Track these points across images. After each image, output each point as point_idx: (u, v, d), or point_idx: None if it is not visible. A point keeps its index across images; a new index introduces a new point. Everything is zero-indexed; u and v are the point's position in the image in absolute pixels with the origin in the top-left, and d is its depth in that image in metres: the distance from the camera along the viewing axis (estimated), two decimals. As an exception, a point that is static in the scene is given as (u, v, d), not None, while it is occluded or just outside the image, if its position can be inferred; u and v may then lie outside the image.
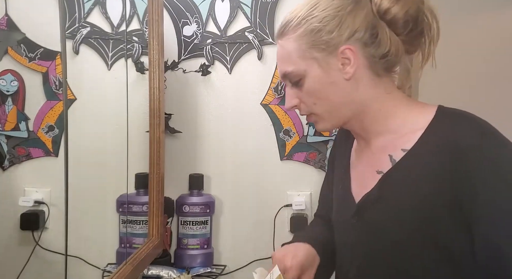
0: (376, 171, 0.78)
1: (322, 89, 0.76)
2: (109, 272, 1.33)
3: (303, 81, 0.77)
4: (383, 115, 0.78)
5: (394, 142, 0.77)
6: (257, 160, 1.40)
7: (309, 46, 0.75)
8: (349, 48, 0.74)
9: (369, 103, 0.77)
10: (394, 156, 0.76)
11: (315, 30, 0.74)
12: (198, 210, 1.35)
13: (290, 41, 0.76)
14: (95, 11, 1.37)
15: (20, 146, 1.37)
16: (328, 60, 0.75)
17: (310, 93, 0.77)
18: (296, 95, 0.79)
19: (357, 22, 0.74)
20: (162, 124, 1.26)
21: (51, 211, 1.36)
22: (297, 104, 0.80)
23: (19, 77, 1.36)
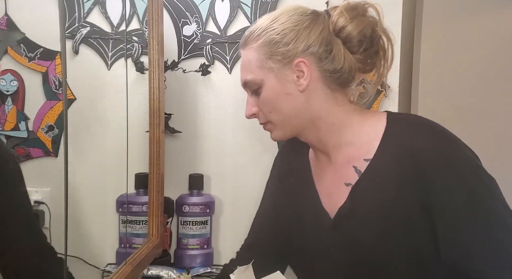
0: (345, 183, 0.79)
1: (277, 99, 0.79)
2: (108, 272, 1.33)
3: (260, 90, 0.80)
4: (337, 127, 0.80)
5: (355, 153, 0.79)
6: (257, 160, 1.40)
7: (267, 57, 0.78)
8: (303, 61, 0.77)
9: (322, 115, 0.80)
10: (358, 167, 0.78)
11: (273, 42, 0.78)
12: (198, 210, 1.35)
13: (251, 51, 0.80)
14: (95, 11, 1.36)
15: (20, 145, 1.37)
16: (284, 72, 0.78)
17: (266, 102, 0.80)
18: (255, 104, 0.83)
19: (312, 36, 0.77)
20: (162, 124, 1.26)
21: (51, 211, 1.36)
22: (255, 113, 0.83)
23: (18, 77, 1.36)
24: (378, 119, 0.79)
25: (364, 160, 0.77)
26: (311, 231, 0.84)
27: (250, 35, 0.81)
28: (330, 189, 0.83)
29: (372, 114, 0.82)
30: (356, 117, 0.81)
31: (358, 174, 0.78)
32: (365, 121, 0.80)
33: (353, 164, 0.79)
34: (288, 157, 0.96)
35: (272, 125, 0.83)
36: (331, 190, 0.82)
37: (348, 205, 0.78)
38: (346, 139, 0.80)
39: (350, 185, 0.78)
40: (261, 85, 0.80)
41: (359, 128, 0.80)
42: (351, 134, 0.80)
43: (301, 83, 0.78)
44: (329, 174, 0.83)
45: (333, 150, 0.82)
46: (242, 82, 0.83)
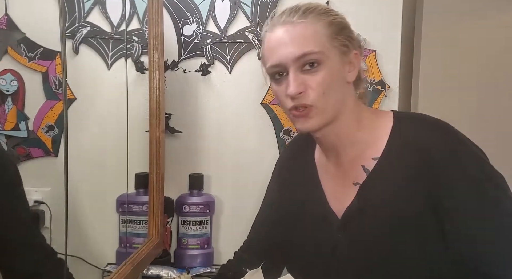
0: (353, 183, 0.79)
1: (335, 81, 0.76)
2: (109, 272, 1.33)
3: (320, 68, 0.74)
4: (356, 125, 0.80)
5: (364, 151, 0.79)
6: (257, 160, 1.40)
7: (337, 36, 0.75)
8: (357, 54, 0.78)
9: (350, 110, 0.79)
10: (366, 166, 0.78)
11: (342, 25, 0.77)
12: (198, 210, 1.35)
13: (320, 24, 0.75)
14: (95, 11, 1.36)
15: (20, 145, 1.37)
16: (345, 57, 0.77)
17: (324, 81, 0.74)
18: (304, 81, 0.75)
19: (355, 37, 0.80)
20: (162, 124, 1.26)
21: (51, 211, 1.36)
22: (304, 91, 0.74)
23: (19, 77, 1.36)
24: (385, 118, 0.80)
25: (372, 159, 0.77)
26: (317, 231, 0.84)
27: (314, 9, 0.77)
28: (337, 188, 0.82)
29: (379, 113, 0.83)
30: (367, 116, 0.81)
31: (366, 172, 0.78)
32: (374, 120, 0.81)
33: (362, 163, 0.79)
34: (293, 157, 0.95)
35: (316, 111, 0.75)
36: (339, 190, 0.82)
37: (356, 204, 0.78)
38: (358, 137, 0.80)
39: (358, 184, 0.79)
40: (323, 62, 0.74)
41: (369, 127, 0.80)
42: (363, 133, 0.80)
43: (352, 75, 0.78)
44: (336, 174, 0.83)
45: (345, 148, 0.81)
46: (299, 54, 0.73)
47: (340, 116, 0.78)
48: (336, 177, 0.83)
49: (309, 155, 0.90)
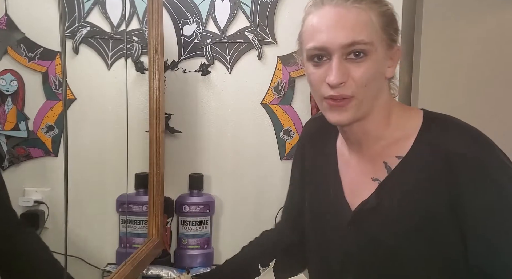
0: (372, 178, 0.78)
1: (377, 74, 0.72)
2: (108, 272, 1.32)
3: (366, 59, 0.70)
4: (386, 121, 0.78)
5: (387, 148, 0.77)
6: (257, 160, 1.40)
7: (387, 26, 0.72)
8: (400, 49, 0.75)
9: (382, 107, 0.77)
10: (389, 163, 0.76)
11: (393, 18, 0.74)
12: (198, 210, 1.35)
13: (375, 13, 0.71)
14: (95, 11, 1.36)
15: (20, 145, 1.37)
16: (390, 51, 0.74)
17: (366, 74, 0.70)
18: (348, 71, 0.70)
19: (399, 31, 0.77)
20: (162, 124, 1.26)
21: (51, 211, 1.36)
22: (346, 81, 0.71)
23: (18, 77, 1.36)
24: (414, 117, 0.77)
25: (396, 157, 0.75)
26: (330, 220, 0.83)
27: None
28: (355, 181, 0.81)
29: (407, 110, 0.81)
30: (396, 112, 0.79)
31: (388, 170, 0.76)
32: (401, 117, 0.79)
33: (384, 160, 0.77)
34: (311, 141, 0.92)
35: (354, 103, 0.72)
36: (356, 183, 0.81)
37: (372, 201, 0.76)
38: (385, 134, 0.78)
39: (377, 180, 0.77)
40: (370, 53, 0.70)
41: (396, 123, 0.78)
42: (390, 130, 0.78)
43: (391, 70, 0.76)
44: (356, 166, 0.81)
45: (370, 143, 0.79)
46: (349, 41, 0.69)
47: (372, 112, 0.76)
48: (356, 170, 0.81)
49: (331, 140, 0.88)
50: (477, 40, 1.37)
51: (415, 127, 0.75)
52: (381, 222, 0.75)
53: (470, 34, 1.37)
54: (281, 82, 1.38)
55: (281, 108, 1.39)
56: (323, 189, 0.85)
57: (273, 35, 1.37)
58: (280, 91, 1.38)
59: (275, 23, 1.37)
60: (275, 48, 1.38)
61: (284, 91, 1.38)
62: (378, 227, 0.76)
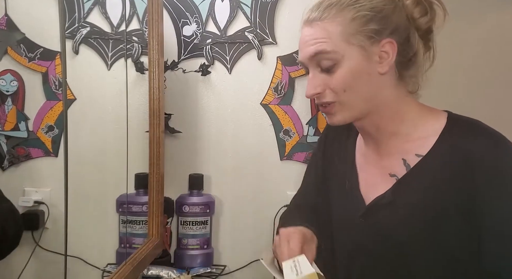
0: (389, 174, 0.79)
1: (357, 77, 0.74)
2: (109, 272, 1.33)
3: (337, 66, 0.74)
4: (399, 117, 0.78)
5: (406, 145, 0.78)
6: (257, 160, 1.40)
7: (356, 32, 0.73)
8: (391, 41, 0.74)
9: (389, 102, 0.78)
10: (408, 160, 0.77)
11: (366, 18, 0.73)
12: (198, 210, 1.35)
13: (333, 24, 0.74)
14: (95, 11, 1.37)
15: (20, 146, 1.37)
16: (370, 50, 0.74)
17: (342, 80, 0.74)
18: (323, 81, 0.76)
19: (400, 20, 0.75)
20: (162, 124, 1.26)
21: (51, 211, 1.36)
22: (321, 92, 0.76)
23: (18, 77, 1.36)
24: (437, 116, 0.78)
25: (416, 155, 0.76)
26: (344, 211, 0.86)
27: (330, 8, 0.75)
28: (372, 176, 0.82)
29: (430, 110, 0.80)
30: (415, 110, 0.79)
31: (407, 167, 0.77)
32: (422, 116, 0.79)
33: (403, 156, 0.78)
34: (337, 134, 0.94)
35: (340, 107, 0.77)
36: (373, 178, 0.82)
37: (388, 196, 0.77)
38: (402, 130, 0.79)
39: (395, 177, 0.78)
40: (339, 61, 0.74)
41: (416, 121, 0.78)
42: (408, 126, 0.78)
43: (383, 66, 0.75)
44: (374, 162, 0.83)
45: (386, 139, 0.80)
46: (311, 54, 0.75)
47: (378, 108, 0.77)
48: (373, 164, 0.83)
49: (353, 135, 0.90)
50: (477, 40, 1.37)
51: (438, 128, 0.76)
52: (394, 217, 0.76)
53: (470, 34, 1.37)
54: (281, 83, 1.38)
55: (281, 108, 1.39)
56: (341, 182, 0.88)
57: (273, 36, 1.37)
58: (280, 91, 1.38)
59: (275, 23, 1.37)
60: (275, 48, 1.38)
61: (284, 92, 1.38)
62: (391, 221, 0.77)
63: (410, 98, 0.80)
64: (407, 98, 0.79)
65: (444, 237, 0.73)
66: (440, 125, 0.76)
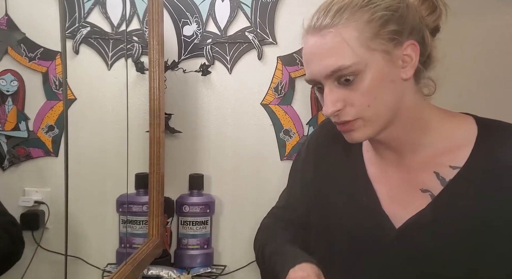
0: (420, 189, 0.70)
1: (382, 87, 0.65)
2: (109, 272, 1.33)
3: (359, 78, 0.65)
4: (421, 125, 0.71)
5: (437, 157, 0.70)
6: (257, 160, 1.40)
7: (375, 36, 0.64)
8: (414, 43, 0.66)
9: (409, 110, 0.69)
10: (441, 173, 0.69)
11: (384, 18, 0.64)
12: (198, 210, 1.35)
13: (349, 29, 0.64)
14: (95, 11, 1.37)
15: (20, 145, 1.37)
16: (393, 54, 0.65)
17: (367, 92, 0.65)
18: (342, 96, 0.66)
19: (414, 19, 0.67)
20: (162, 124, 1.26)
21: (51, 211, 1.36)
22: (341, 108, 0.66)
23: (19, 77, 1.36)
24: (465, 123, 0.71)
25: (450, 167, 0.68)
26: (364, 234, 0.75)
27: (341, 11, 0.65)
28: (397, 192, 0.73)
29: (453, 115, 0.73)
30: (436, 117, 0.72)
31: (441, 181, 0.69)
32: (445, 123, 0.71)
33: (435, 169, 0.70)
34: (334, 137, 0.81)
35: (363, 123, 0.67)
36: (399, 194, 0.73)
37: (428, 215, 0.69)
38: (427, 140, 0.71)
39: (428, 192, 0.70)
40: (362, 71, 0.64)
41: (440, 129, 0.71)
42: (433, 135, 0.71)
43: (407, 70, 0.66)
44: (397, 175, 0.74)
45: (409, 150, 0.72)
46: (330, 71, 0.65)
47: (397, 118, 0.69)
48: (398, 179, 0.73)
49: (354, 144, 0.78)
50: (477, 40, 1.37)
51: (470, 136, 0.69)
52: (436, 239, 0.68)
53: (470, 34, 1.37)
54: (281, 83, 1.38)
55: (281, 108, 1.39)
56: (352, 198, 0.77)
57: (273, 36, 1.37)
58: (280, 91, 1.38)
59: (275, 23, 1.37)
60: (275, 48, 1.38)
61: (284, 92, 1.38)
62: (433, 244, 0.68)
63: (428, 103, 0.73)
64: (425, 104, 0.72)
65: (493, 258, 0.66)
66: (472, 133, 0.69)
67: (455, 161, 0.68)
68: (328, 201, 0.80)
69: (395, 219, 0.71)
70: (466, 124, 0.71)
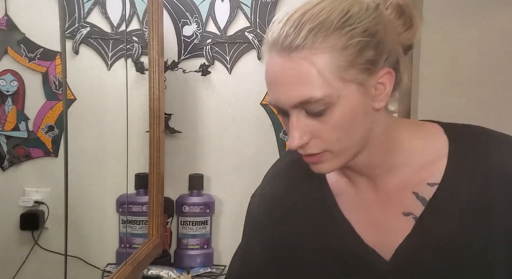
0: (403, 213, 0.65)
1: (354, 120, 0.59)
2: (109, 272, 1.33)
3: (330, 111, 0.57)
4: (393, 145, 0.65)
5: (412, 176, 0.65)
6: (257, 160, 1.40)
7: (351, 65, 0.56)
8: (390, 72, 0.59)
9: (380, 135, 0.64)
10: (420, 193, 0.64)
11: (360, 45, 0.56)
12: (198, 210, 1.35)
13: (322, 57, 0.56)
14: (95, 11, 1.37)
15: (20, 146, 1.37)
16: (367, 84, 0.58)
17: (338, 126, 0.58)
18: (310, 129, 0.59)
19: (393, 40, 0.60)
20: (162, 124, 1.26)
21: (51, 211, 1.36)
22: (308, 141, 0.59)
23: (19, 77, 1.36)
24: (433, 134, 0.66)
25: (428, 184, 0.64)
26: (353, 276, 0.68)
27: (310, 32, 0.56)
28: (377, 220, 0.67)
29: (418, 127, 0.68)
30: (405, 131, 0.66)
31: (422, 201, 0.64)
32: (414, 136, 0.66)
33: (413, 189, 0.65)
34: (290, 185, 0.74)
35: (331, 156, 0.61)
36: (380, 222, 0.67)
37: (415, 241, 0.64)
38: (398, 159, 0.65)
39: (411, 215, 0.64)
40: (334, 104, 0.57)
41: (410, 145, 0.65)
42: (403, 153, 0.65)
43: (381, 100, 0.60)
44: (374, 202, 0.68)
45: (383, 171, 0.66)
46: (298, 101, 0.57)
47: (368, 145, 0.63)
48: (377, 205, 0.68)
49: (318, 176, 0.70)
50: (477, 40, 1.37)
51: (441, 147, 0.65)
52: (433, 263, 0.63)
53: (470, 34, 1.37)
54: (281, 83, 1.38)
55: (281, 108, 1.39)
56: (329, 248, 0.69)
57: (273, 35, 1.37)
58: (280, 91, 1.38)
59: (275, 23, 1.37)
60: (275, 48, 1.38)
61: (284, 92, 1.38)
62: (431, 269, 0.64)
63: (395, 120, 0.67)
64: (394, 123, 0.66)
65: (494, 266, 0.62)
66: (443, 144, 0.65)
67: (432, 177, 0.64)
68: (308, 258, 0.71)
69: (383, 250, 0.66)
70: (435, 135, 0.66)
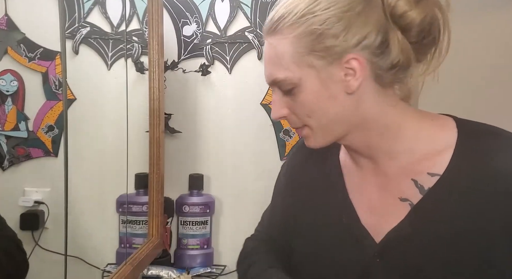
0: (399, 198, 0.66)
1: (318, 102, 0.64)
2: (109, 272, 1.33)
3: (296, 91, 0.64)
4: (392, 132, 0.66)
5: (415, 164, 0.66)
6: (257, 160, 1.40)
7: (308, 52, 0.61)
8: (356, 57, 0.61)
9: (374, 118, 0.65)
10: (420, 181, 0.65)
11: (317, 33, 0.60)
12: (198, 210, 1.35)
13: (285, 42, 0.62)
14: (95, 11, 1.37)
15: (20, 146, 1.37)
16: (330, 70, 0.62)
17: (303, 105, 0.65)
18: (286, 105, 0.66)
19: (368, 26, 0.60)
20: (162, 124, 1.26)
21: (51, 211, 1.36)
22: (286, 115, 0.67)
23: (18, 77, 1.36)
24: (444, 126, 0.66)
25: (429, 174, 0.64)
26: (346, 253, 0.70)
27: (281, 21, 0.62)
28: (375, 202, 0.69)
29: (432, 118, 0.68)
30: (412, 120, 0.67)
31: (420, 189, 0.65)
32: (423, 126, 0.67)
33: (412, 177, 0.65)
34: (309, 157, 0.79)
35: (311, 131, 0.67)
36: (377, 204, 0.69)
37: (407, 227, 0.64)
38: (403, 146, 0.66)
39: (407, 201, 0.65)
40: (298, 85, 0.63)
41: (416, 134, 0.66)
42: (409, 141, 0.66)
43: (350, 84, 0.62)
44: (375, 185, 0.70)
45: (385, 157, 0.68)
46: (270, 80, 0.66)
47: (362, 126, 0.66)
48: (375, 188, 0.69)
49: (331, 155, 0.76)
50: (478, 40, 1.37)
51: (449, 140, 0.65)
52: (420, 251, 0.64)
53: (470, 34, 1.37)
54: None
55: (281, 108, 1.39)
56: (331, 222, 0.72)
57: (273, 35, 1.37)
58: (280, 91, 1.38)
59: (275, 23, 1.37)
60: (275, 48, 1.38)
61: (284, 92, 1.38)
62: (415, 256, 0.64)
63: (402, 107, 0.67)
64: (397, 108, 0.66)
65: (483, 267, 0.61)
66: (452, 137, 0.65)
67: (434, 167, 0.64)
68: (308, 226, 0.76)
69: (376, 232, 0.67)
70: (446, 128, 0.66)
